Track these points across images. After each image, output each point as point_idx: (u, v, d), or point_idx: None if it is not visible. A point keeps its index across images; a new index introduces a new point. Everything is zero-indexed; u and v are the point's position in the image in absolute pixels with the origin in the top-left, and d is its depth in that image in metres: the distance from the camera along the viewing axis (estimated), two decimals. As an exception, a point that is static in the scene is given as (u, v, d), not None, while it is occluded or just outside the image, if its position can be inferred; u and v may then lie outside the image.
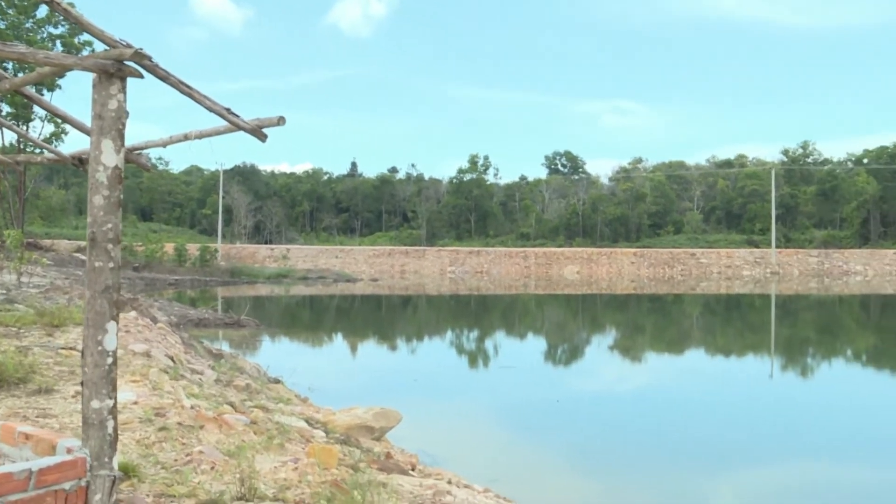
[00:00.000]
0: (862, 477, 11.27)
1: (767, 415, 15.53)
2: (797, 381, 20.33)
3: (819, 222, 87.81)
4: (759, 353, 26.25)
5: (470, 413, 15.25)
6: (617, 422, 14.66)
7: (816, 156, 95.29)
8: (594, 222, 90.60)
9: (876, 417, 15.39)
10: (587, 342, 29.32)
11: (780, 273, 67.68)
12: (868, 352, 26.67)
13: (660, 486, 10.21)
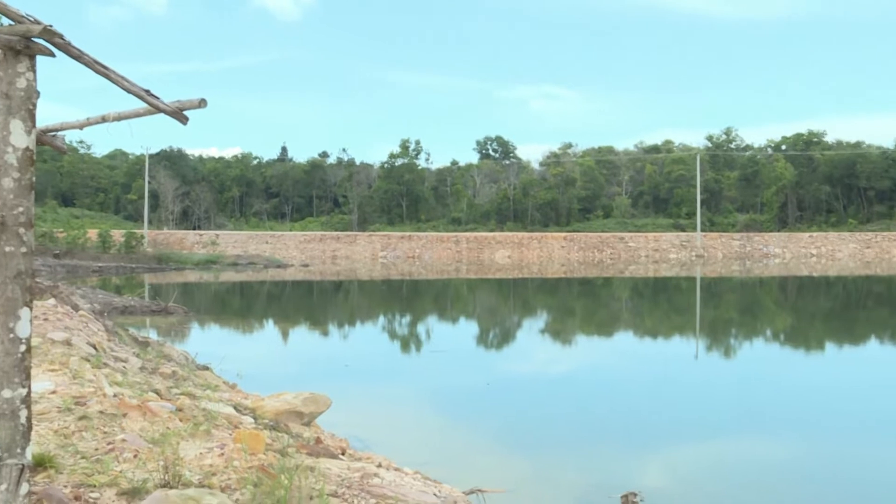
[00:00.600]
0: (780, 450, 11.69)
1: (692, 394, 15.96)
2: (721, 360, 20.94)
3: (741, 206, 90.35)
4: (685, 335, 26.94)
5: (401, 397, 15.27)
6: (547, 403, 14.87)
7: (739, 142, 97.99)
8: (525, 207, 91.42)
9: (792, 394, 15.96)
10: (518, 326, 29.63)
11: (705, 256, 69.49)
12: (785, 331, 27.62)
13: (588, 465, 10.41)
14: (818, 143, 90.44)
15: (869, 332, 26.56)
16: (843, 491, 9.90)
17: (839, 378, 18.02)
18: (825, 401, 15.32)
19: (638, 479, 10.09)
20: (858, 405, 14.80)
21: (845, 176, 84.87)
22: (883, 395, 15.65)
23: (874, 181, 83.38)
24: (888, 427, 12.97)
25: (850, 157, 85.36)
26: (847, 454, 11.50)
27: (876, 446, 11.84)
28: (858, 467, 10.89)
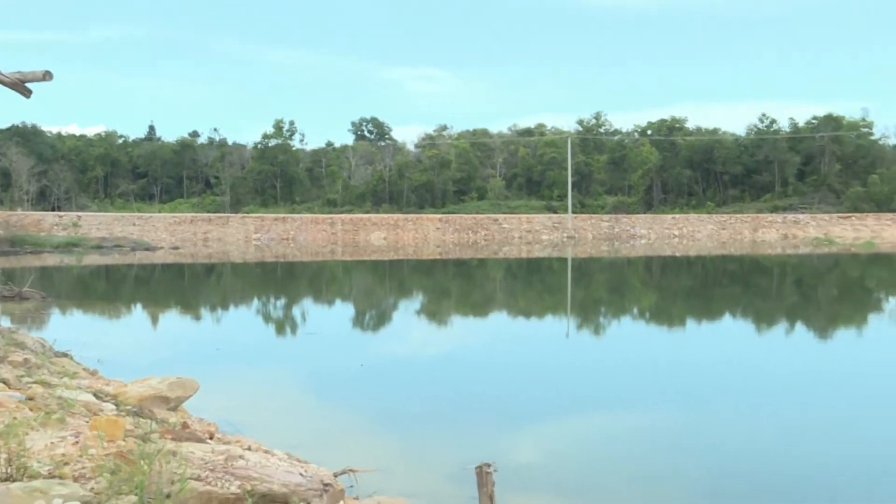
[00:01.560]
0: (645, 422, 12.19)
1: (562, 372, 16.42)
2: (591, 339, 21.65)
3: (610, 189, 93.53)
4: (557, 314, 27.70)
5: (274, 380, 15.01)
6: (420, 383, 14.97)
7: (608, 127, 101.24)
8: (400, 189, 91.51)
9: (658, 369, 16.70)
10: (394, 307, 29.67)
11: (576, 237, 71.63)
12: (651, 309, 28.86)
13: (459, 442, 10.54)
14: (680, 129, 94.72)
15: (724, 309, 28.10)
16: (703, 458, 10.43)
17: (700, 352, 18.98)
18: (688, 375, 16.10)
19: (507, 455, 10.30)
20: (717, 377, 15.64)
21: (704, 161, 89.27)
22: (737, 368, 16.60)
23: (729, 166, 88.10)
24: (744, 396, 13.78)
25: (709, 143, 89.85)
26: (708, 424, 12.13)
27: (733, 414, 12.55)
28: (718, 436, 11.51)
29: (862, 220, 71.46)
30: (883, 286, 35.98)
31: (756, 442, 11.08)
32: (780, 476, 9.66)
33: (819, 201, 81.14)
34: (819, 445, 10.97)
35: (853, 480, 9.51)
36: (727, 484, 9.37)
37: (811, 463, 10.22)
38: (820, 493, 9.15)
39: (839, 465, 10.12)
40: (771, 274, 42.16)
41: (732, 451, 10.68)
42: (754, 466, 9.96)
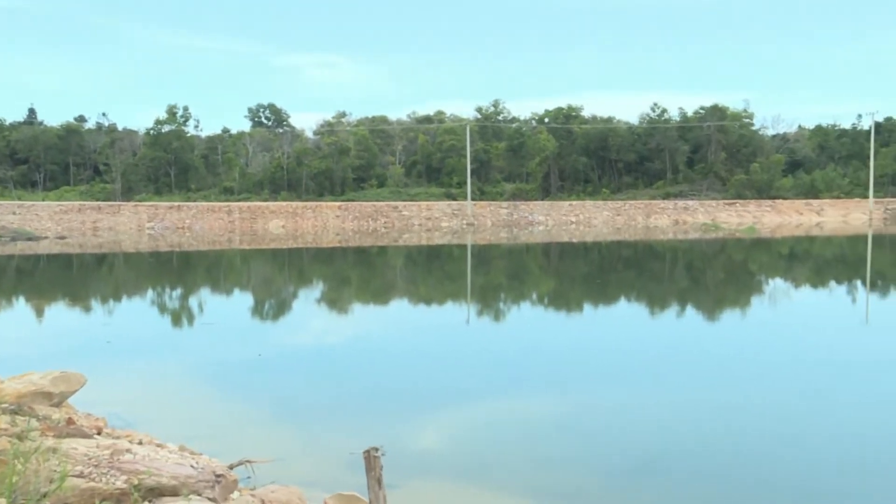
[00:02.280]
0: (543, 408, 12.41)
1: (463, 359, 16.54)
2: (491, 325, 21.88)
3: (508, 176, 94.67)
4: (458, 301, 27.88)
5: (169, 373, 14.57)
6: (320, 373, 14.82)
7: (506, 114, 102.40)
8: (299, 176, 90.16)
9: (556, 353, 17.04)
10: (294, 296, 29.27)
11: (476, 224, 72.28)
12: (549, 295, 29.41)
13: (359, 432, 10.47)
14: (576, 118, 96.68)
15: (620, 293, 28.91)
16: (597, 440, 10.70)
17: (597, 337, 19.47)
18: (585, 359, 16.49)
19: (406, 441, 10.32)
20: (613, 361, 16.08)
21: (599, 149, 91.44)
22: (631, 351, 17.11)
23: (623, 154, 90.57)
24: (636, 378, 14.21)
25: (603, 132, 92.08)
26: (602, 406, 12.45)
27: (626, 396, 12.92)
28: (612, 417, 11.83)
29: (745, 206, 74.78)
30: (763, 269, 37.77)
31: (647, 422, 11.45)
32: (668, 453, 10.01)
33: (707, 188, 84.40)
34: (708, 423, 11.42)
35: (741, 453, 9.95)
36: (618, 464, 9.64)
37: (699, 439, 10.63)
38: (706, 468, 9.52)
39: (726, 439, 10.56)
40: (664, 259, 43.63)
41: (625, 431, 11.00)
42: (644, 446, 10.28)
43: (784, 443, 10.30)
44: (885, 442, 10.38)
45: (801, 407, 12.03)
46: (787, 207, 75.02)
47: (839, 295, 28.06)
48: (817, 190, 79.85)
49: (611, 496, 8.59)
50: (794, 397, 12.56)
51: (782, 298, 26.92)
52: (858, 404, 12.14)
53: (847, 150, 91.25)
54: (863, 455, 9.86)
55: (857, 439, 10.50)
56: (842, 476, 9.16)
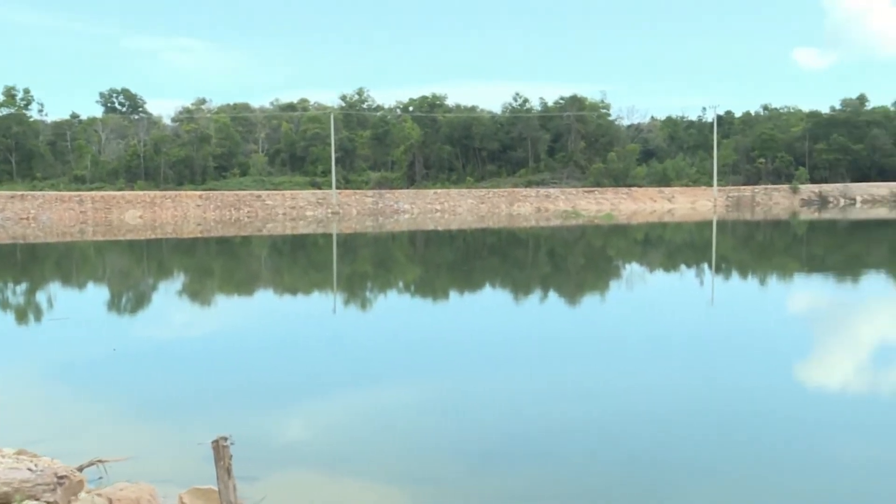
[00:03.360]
0: (411, 395, 12.49)
1: (330, 348, 16.42)
2: (358, 314, 21.78)
3: (374, 164, 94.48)
4: (324, 290, 27.61)
5: (12, 373, 13.70)
6: (180, 367, 14.36)
7: (371, 103, 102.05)
8: (157, 164, 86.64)
9: (423, 342, 17.17)
10: (153, 288, 28.16)
11: (341, 213, 71.73)
12: (416, 282, 29.59)
13: (219, 425, 10.21)
14: (440, 106, 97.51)
15: (485, 280, 29.43)
16: (466, 424, 10.87)
17: (464, 322, 19.74)
18: (452, 345, 16.69)
19: (269, 434, 10.15)
20: (480, 346, 16.34)
21: (463, 137, 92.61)
22: (496, 336, 17.45)
23: (486, 143, 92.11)
24: (503, 361, 14.52)
25: (467, 120, 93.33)
26: (472, 391, 12.66)
27: (490, 381, 13.19)
28: (481, 401, 12.05)
29: (603, 194, 77.75)
30: (621, 255, 39.42)
31: (509, 406, 11.73)
32: (528, 436, 10.30)
33: (567, 176, 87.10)
34: (566, 404, 11.82)
35: (597, 431, 10.36)
36: (477, 449, 9.83)
37: (559, 420, 10.99)
38: (565, 449, 9.86)
39: (583, 419, 10.97)
40: (527, 245, 44.74)
41: (484, 416, 11.23)
42: (506, 429, 10.54)
43: (642, 420, 10.80)
44: (734, 414, 11.07)
45: (655, 385, 12.64)
46: (641, 195, 78.52)
47: (689, 278, 29.65)
48: (668, 178, 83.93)
49: (471, 480, 8.74)
50: (648, 376, 13.19)
51: (638, 282, 28.18)
52: (706, 380, 12.88)
53: (694, 141, 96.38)
54: (712, 426, 10.48)
55: (708, 413, 11.15)
56: (697, 447, 9.70)
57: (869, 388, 12.42)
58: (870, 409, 11.30)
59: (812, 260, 34.88)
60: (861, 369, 13.78)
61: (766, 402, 11.49)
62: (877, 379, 12.98)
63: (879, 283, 26.86)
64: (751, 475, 8.68)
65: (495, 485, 8.53)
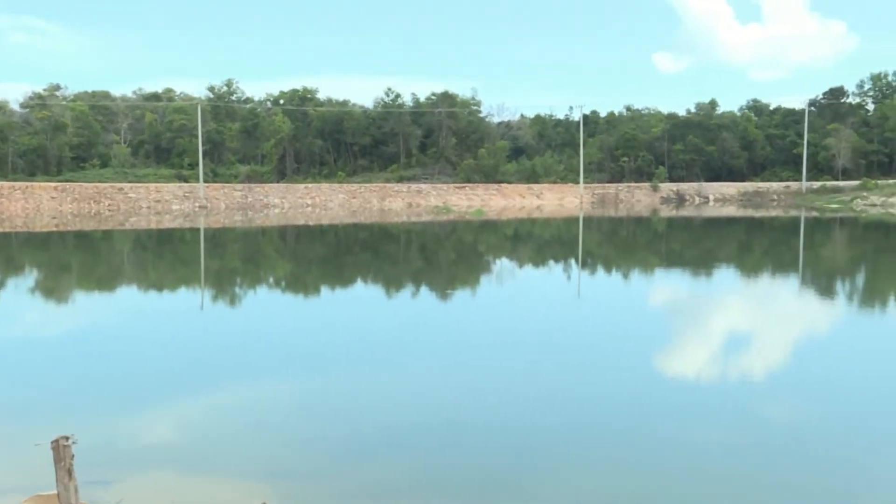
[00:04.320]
0: (278, 392, 12.32)
1: (196, 345, 15.97)
2: (226, 310, 21.27)
3: (243, 158, 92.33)
4: (191, 286, 26.80)
5: None
6: (29, 368, 13.63)
7: (240, 94, 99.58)
8: (4, 153, 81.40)
9: (294, 337, 16.96)
10: (1, 284, 26.52)
11: (209, 207, 69.71)
12: (286, 278, 29.15)
13: (74, 428, 9.78)
14: (312, 100, 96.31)
15: (356, 275, 29.34)
16: (333, 421, 10.83)
17: (332, 317, 19.61)
18: (319, 340, 16.55)
19: (129, 433, 9.81)
20: (347, 341, 16.29)
21: (335, 132, 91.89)
22: (365, 330, 17.45)
23: (358, 137, 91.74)
24: (371, 358, 14.54)
25: (339, 115, 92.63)
26: (341, 387, 12.61)
27: (362, 375, 13.19)
28: (349, 397, 12.03)
29: (473, 190, 79.03)
30: (491, 250, 40.18)
31: (380, 401, 11.79)
32: (403, 430, 10.40)
33: (438, 172, 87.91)
34: (436, 396, 11.99)
35: (469, 422, 10.57)
36: (355, 440, 9.84)
37: (430, 413, 11.14)
38: (440, 441, 10.01)
39: (452, 411, 11.16)
40: (399, 241, 44.86)
41: (362, 407, 11.24)
42: (380, 424, 10.59)
43: (510, 410, 11.08)
44: (600, 401, 11.53)
45: (522, 376, 12.99)
46: (511, 191, 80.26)
47: (557, 273, 30.56)
48: (537, 175, 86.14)
49: (336, 474, 8.73)
50: (516, 368, 13.53)
51: (508, 277, 28.81)
52: (572, 370, 13.34)
53: (562, 139, 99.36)
54: (579, 414, 10.88)
55: (574, 402, 11.55)
56: (564, 435, 10.04)
57: (720, 375, 13.20)
58: (721, 394, 12.02)
59: (671, 255, 36.67)
60: (714, 357, 14.63)
61: (629, 390, 12.03)
62: (727, 366, 13.81)
63: (729, 276, 28.58)
64: (620, 460, 9.07)
65: (360, 478, 8.56)
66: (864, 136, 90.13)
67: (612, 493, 8.23)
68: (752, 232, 50.66)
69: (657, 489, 8.31)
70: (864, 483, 8.54)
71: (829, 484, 8.51)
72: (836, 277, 27.90)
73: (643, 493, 8.21)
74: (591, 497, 8.20)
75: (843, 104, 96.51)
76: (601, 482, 8.55)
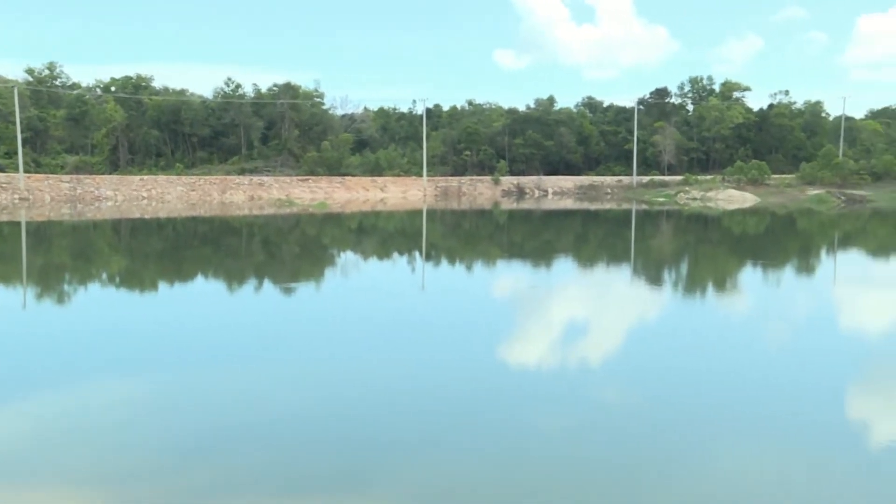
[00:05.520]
0: (108, 390, 11.75)
1: (25, 343, 15.00)
2: (53, 308, 20.04)
3: (71, 147, 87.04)
4: (12, 284, 25.04)
5: None
6: None
7: (65, 79, 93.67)
8: None
9: (119, 334, 16.19)
10: None
11: (31, 199, 65.23)
12: (121, 273, 27.77)
13: None
14: (147, 88, 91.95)
15: (196, 270, 28.36)
16: (161, 421, 10.45)
17: (173, 314, 18.87)
18: (158, 336, 15.90)
19: None
20: (184, 336, 15.73)
21: (172, 122, 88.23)
22: (203, 327, 16.93)
23: (197, 128, 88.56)
24: (207, 356, 14.12)
25: (176, 104, 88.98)
26: (196, 381, 12.17)
27: (198, 373, 12.79)
28: (206, 392, 11.63)
29: (317, 182, 78.12)
30: (336, 242, 39.92)
31: (223, 394, 11.50)
32: (248, 425, 10.19)
33: (281, 164, 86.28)
34: (290, 391, 11.82)
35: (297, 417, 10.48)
36: (178, 444, 9.55)
37: (281, 408, 10.97)
38: (264, 443, 9.88)
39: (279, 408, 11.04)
40: (241, 234, 43.69)
41: (199, 405, 10.91)
42: (222, 419, 10.32)
43: (359, 403, 11.08)
44: (448, 391, 11.72)
45: (369, 368, 13.02)
46: (355, 184, 79.99)
47: (401, 265, 30.76)
48: (381, 168, 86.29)
49: (170, 475, 8.47)
50: (363, 360, 13.55)
51: (352, 269, 28.72)
52: (417, 363, 13.51)
53: (405, 132, 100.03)
54: (425, 403, 11.02)
55: (422, 392, 11.70)
56: (411, 425, 10.15)
57: (560, 362, 13.76)
58: (560, 380, 12.54)
59: (512, 247, 37.76)
60: (554, 345, 15.22)
61: (475, 380, 12.32)
62: (566, 353, 14.41)
63: (567, 267, 29.80)
64: (467, 450, 9.28)
65: (195, 478, 8.33)
66: (685, 134, 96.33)
67: (460, 483, 8.41)
68: (588, 224, 53.02)
69: (501, 476, 8.56)
70: (697, 456, 9.15)
71: (663, 462, 9.06)
72: (664, 266, 29.69)
73: (488, 481, 8.44)
74: (440, 487, 8.34)
75: (667, 104, 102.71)
76: (449, 472, 8.71)
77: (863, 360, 14.08)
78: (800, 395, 11.54)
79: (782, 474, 8.65)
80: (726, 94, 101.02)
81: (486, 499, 8.01)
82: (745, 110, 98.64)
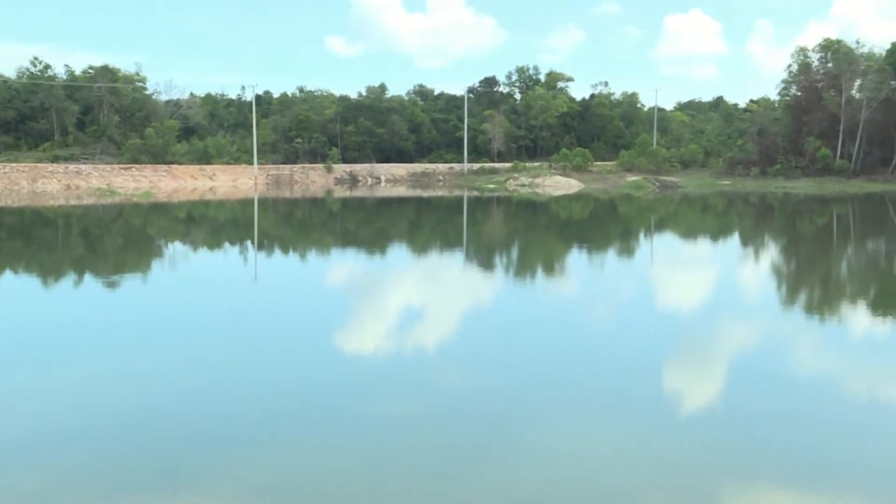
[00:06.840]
0: None
1: None
2: None
3: None
4: None
5: None
6: None
7: None
8: None
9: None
10: None
11: None
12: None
13: None
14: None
15: (3, 265, 26.41)
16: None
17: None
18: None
19: None
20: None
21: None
22: (17, 324, 15.85)
23: (0, 111, 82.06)
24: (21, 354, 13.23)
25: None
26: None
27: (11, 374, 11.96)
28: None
29: (141, 171, 74.30)
30: (162, 233, 38.26)
31: (49, 394, 10.83)
32: (80, 423, 9.64)
33: (101, 152, 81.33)
34: (116, 389, 11.25)
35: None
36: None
37: (115, 407, 10.43)
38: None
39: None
40: (56, 226, 40.96)
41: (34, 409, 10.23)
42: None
43: (192, 398, 10.71)
44: (281, 384, 11.54)
45: (201, 362, 12.62)
46: (182, 172, 76.81)
47: (233, 256, 29.92)
48: (210, 156, 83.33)
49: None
50: (192, 355, 13.11)
51: (181, 261, 27.63)
52: (251, 354, 13.23)
53: (235, 119, 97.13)
54: (263, 398, 10.81)
55: (257, 385, 11.46)
56: (247, 419, 9.93)
57: (395, 349, 13.89)
58: (396, 367, 12.66)
59: (345, 235, 37.62)
60: (390, 331, 15.34)
61: (312, 371, 12.23)
62: (401, 340, 14.56)
63: (400, 254, 30.08)
64: (306, 438, 9.19)
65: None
66: (513, 122, 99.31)
67: (295, 475, 8.34)
68: (421, 211, 53.64)
69: (338, 464, 8.57)
70: (536, 435, 9.52)
71: (502, 443, 9.36)
72: (495, 252, 30.56)
73: (327, 470, 8.42)
74: (273, 481, 8.23)
75: (496, 92, 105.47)
76: (284, 465, 8.61)
77: (678, 335, 15.13)
78: (623, 371, 12.26)
79: (614, 448, 9.16)
80: (551, 83, 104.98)
81: (324, 489, 7.98)
82: (569, 100, 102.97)
